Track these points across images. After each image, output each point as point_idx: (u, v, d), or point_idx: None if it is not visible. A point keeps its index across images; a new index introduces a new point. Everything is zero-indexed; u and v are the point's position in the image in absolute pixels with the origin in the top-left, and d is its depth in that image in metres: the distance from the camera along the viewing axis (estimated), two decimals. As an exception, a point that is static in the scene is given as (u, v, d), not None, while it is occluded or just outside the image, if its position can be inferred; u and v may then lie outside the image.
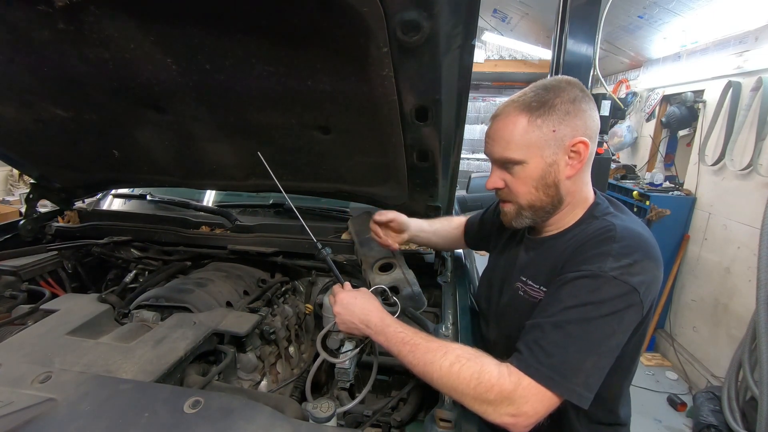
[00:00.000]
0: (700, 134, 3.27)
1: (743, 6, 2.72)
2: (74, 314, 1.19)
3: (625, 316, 0.76)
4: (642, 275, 0.77)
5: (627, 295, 0.75)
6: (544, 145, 0.84)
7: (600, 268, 0.77)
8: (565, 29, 2.20)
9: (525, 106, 0.85)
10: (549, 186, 0.88)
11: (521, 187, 0.89)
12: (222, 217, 1.79)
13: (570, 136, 0.84)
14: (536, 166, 0.86)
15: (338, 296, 0.99)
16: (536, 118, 0.84)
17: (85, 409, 0.78)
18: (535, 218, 0.93)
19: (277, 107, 1.12)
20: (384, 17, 0.75)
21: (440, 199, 1.44)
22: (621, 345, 0.78)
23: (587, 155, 0.86)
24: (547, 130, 0.84)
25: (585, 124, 0.85)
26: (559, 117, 0.83)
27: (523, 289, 0.95)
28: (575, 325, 0.75)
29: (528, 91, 0.88)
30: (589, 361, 0.74)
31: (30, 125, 1.35)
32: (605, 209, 0.92)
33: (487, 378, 0.74)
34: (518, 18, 5.06)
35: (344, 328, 0.98)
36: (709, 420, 2.44)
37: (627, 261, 0.77)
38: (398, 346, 0.86)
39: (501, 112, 0.89)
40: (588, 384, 0.74)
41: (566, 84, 0.86)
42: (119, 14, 0.87)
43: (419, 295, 1.20)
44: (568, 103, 0.83)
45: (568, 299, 0.77)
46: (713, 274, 3.05)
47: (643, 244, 0.81)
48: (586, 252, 0.82)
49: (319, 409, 1.00)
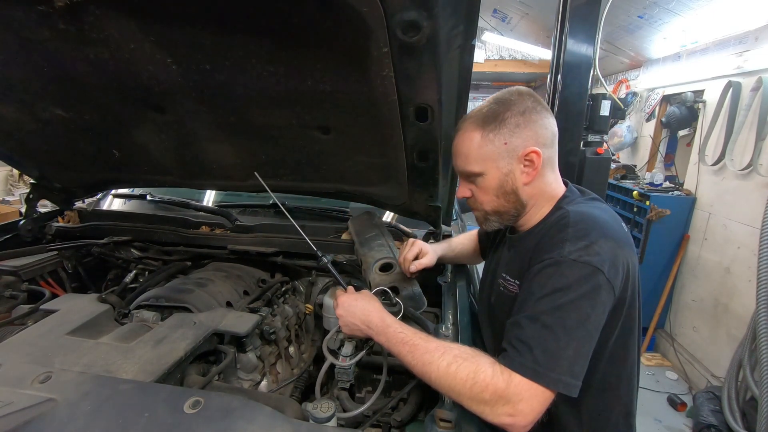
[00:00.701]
0: (700, 134, 3.27)
1: (743, 6, 2.73)
2: (74, 314, 1.18)
3: (596, 297, 0.77)
4: (601, 255, 0.79)
5: (591, 275, 0.77)
6: (498, 158, 0.90)
7: (559, 254, 0.80)
8: (565, 29, 2.20)
9: (480, 121, 0.91)
10: (508, 193, 0.94)
11: (484, 196, 0.96)
12: (222, 217, 1.79)
13: (522, 147, 0.89)
14: (494, 177, 0.92)
15: (340, 299, 1.01)
16: (488, 132, 0.89)
17: (85, 409, 0.78)
18: (502, 222, 1.00)
19: (277, 107, 1.12)
20: (384, 17, 0.75)
21: (440, 199, 1.44)
22: (599, 327, 0.79)
23: (540, 162, 0.90)
24: (499, 144, 0.89)
25: (536, 133, 0.89)
26: (509, 130, 0.89)
27: (504, 285, 1.00)
28: (548, 315, 0.77)
29: (484, 105, 0.93)
30: (569, 348, 0.75)
31: (30, 125, 1.35)
32: (571, 200, 0.95)
33: (482, 378, 0.75)
34: (518, 18, 5.06)
35: (347, 330, 1.00)
36: (709, 420, 2.44)
37: (583, 243, 0.80)
38: (398, 346, 0.87)
39: (460, 128, 0.95)
40: (573, 371, 0.75)
41: (517, 96, 0.91)
42: (119, 14, 0.87)
43: (419, 295, 1.20)
44: (518, 116, 0.89)
45: (537, 290, 0.80)
46: (713, 274, 3.05)
47: (596, 225, 0.84)
48: (546, 242, 0.86)
49: (319, 409, 1.00)
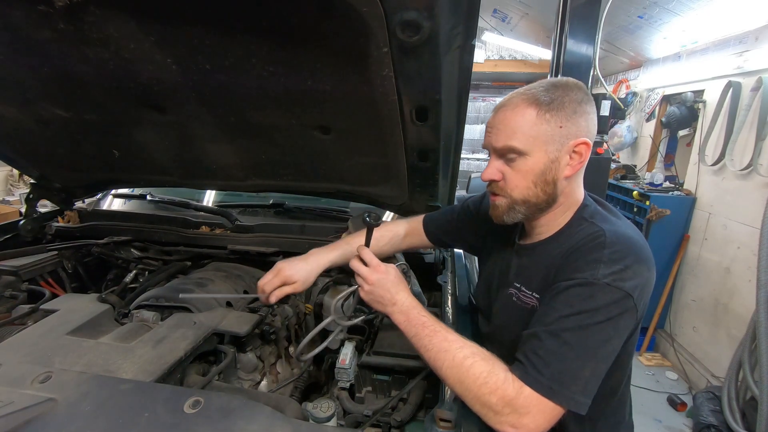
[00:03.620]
0: (700, 134, 3.27)
1: (743, 6, 2.72)
2: (74, 314, 1.18)
3: (620, 321, 0.76)
4: (634, 279, 0.77)
5: (621, 300, 0.76)
6: (549, 140, 0.84)
7: (593, 275, 0.77)
8: (565, 29, 2.20)
9: (534, 98, 0.84)
10: (548, 183, 0.87)
11: (520, 180, 0.87)
12: (222, 217, 1.79)
13: (574, 135, 0.84)
14: (538, 160, 0.85)
15: (373, 266, 0.97)
16: (545, 112, 0.83)
17: (85, 409, 0.78)
18: (527, 214, 0.91)
19: (277, 107, 1.12)
20: (384, 17, 0.75)
21: (440, 199, 1.44)
22: (617, 350, 0.78)
23: (587, 157, 0.86)
24: (554, 125, 0.83)
25: (588, 126, 0.86)
26: (566, 115, 0.83)
27: (517, 296, 0.96)
28: (571, 333, 0.75)
29: (536, 86, 0.87)
30: (587, 368, 0.74)
31: (30, 125, 1.35)
32: (594, 211, 0.92)
33: (493, 380, 0.75)
34: (518, 18, 5.06)
35: (368, 297, 0.97)
36: (709, 420, 2.44)
37: (618, 267, 0.77)
38: (417, 327, 0.87)
39: (508, 103, 0.87)
40: (586, 391, 0.74)
41: (573, 85, 0.87)
42: (119, 14, 0.87)
43: (419, 295, 1.20)
44: (575, 103, 0.84)
45: (563, 308, 0.78)
46: (713, 274, 3.05)
47: (633, 247, 0.81)
48: (578, 260, 0.82)
49: (319, 409, 1.00)
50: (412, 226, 1.30)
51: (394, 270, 0.99)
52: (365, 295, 0.97)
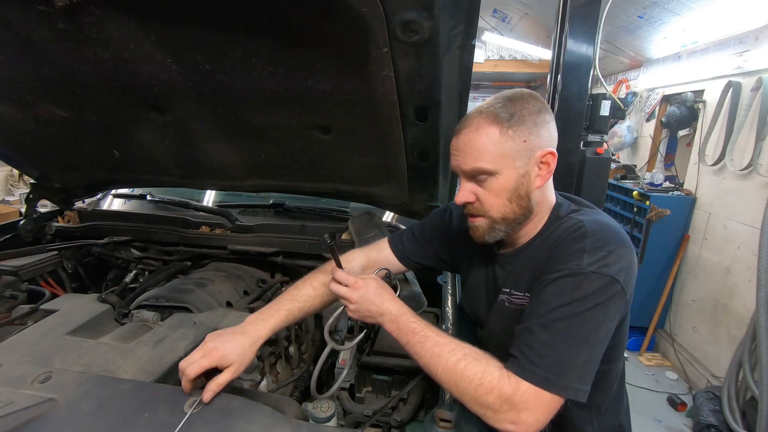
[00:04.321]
0: (700, 134, 3.27)
1: (743, 6, 2.72)
2: (74, 314, 1.18)
3: (610, 305, 0.78)
4: (619, 263, 0.79)
5: (608, 286, 0.77)
6: (516, 156, 0.84)
7: (578, 265, 0.79)
8: (565, 29, 2.20)
9: (494, 116, 0.84)
10: (522, 197, 0.87)
11: (495, 199, 0.88)
12: (222, 217, 1.79)
13: (539, 147, 0.85)
14: (509, 177, 0.86)
15: (351, 284, 0.94)
16: (507, 128, 0.83)
17: (85, 409, 0.78)
18: (508, 230, 0.92)
19: (277, 107, 1.12)
20: (384, 17, 0.75)
21: (440, 199, 1.44)
22: (610, 334, 0.80)
23: (554, 165, 0.88)
24: (519, 141, 0.84)
25: (550, 135, 0.87)
26: (528, 128, 0.84)
27: (509, 300, 0.96)
28: (562, 323, 0.76)
29: (493, 102, 0.87)
30: (582, 356, 0.75)
31: (30, 125, 1.35)
32: (568, 208, 0.94)
33: (488, 380, 0.75)
34: (518, 18, 5.06)
35: (356, 315, 0.95)
36: (709, 420, 2.44)
37: (602, 253, 0.79)
38: (408, 335, 0.86)
39: (470, 124, 0.86)
40: (583, 377, 0.75)
41: (529, 96, 0.87)
42: (119, 14, 0.87)
43: (419, 295, 1.20)
44: (534, 115, 0.85)
45: (552, 300, 0.79)
46: (713, 274, 3.05)
47: (612, 234, 0.83)
48: (562, 252, 0.83)
49: (319, 409, 1.00)
50: (371, 258, 1.16)
51: (374, 281, 0.96)
52: (353, 314, 0.95)
